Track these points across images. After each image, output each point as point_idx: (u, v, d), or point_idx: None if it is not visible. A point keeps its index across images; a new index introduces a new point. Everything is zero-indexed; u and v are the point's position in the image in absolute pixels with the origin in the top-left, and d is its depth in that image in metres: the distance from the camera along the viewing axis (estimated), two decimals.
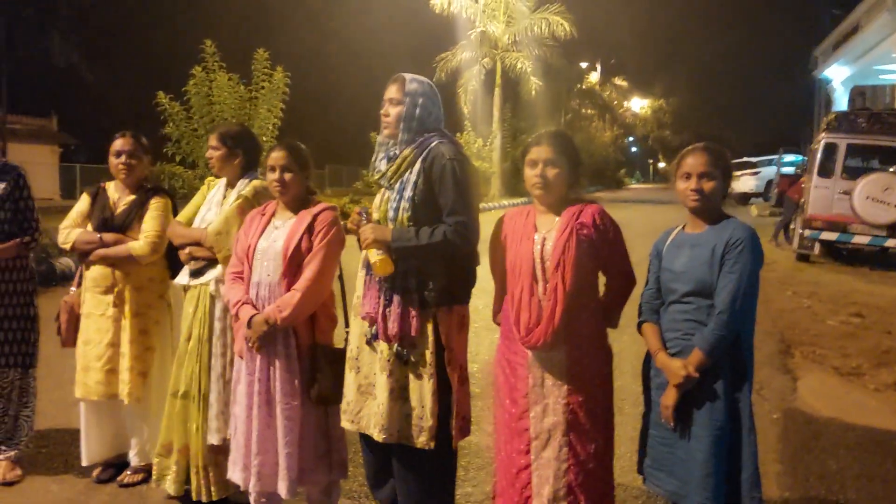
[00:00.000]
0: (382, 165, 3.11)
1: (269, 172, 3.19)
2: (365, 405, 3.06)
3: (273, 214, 3.27)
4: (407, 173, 3.00)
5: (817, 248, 12.85)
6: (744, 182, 29.18)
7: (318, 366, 3.18)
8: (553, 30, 28.92)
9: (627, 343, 3.22)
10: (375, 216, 3.08)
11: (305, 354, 3.19)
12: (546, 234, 2.81)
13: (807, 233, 12.74)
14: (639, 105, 66.99)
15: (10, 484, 3.82)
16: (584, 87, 54.23)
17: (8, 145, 26.05)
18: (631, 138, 73.53)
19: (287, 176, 3.18)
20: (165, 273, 3.86)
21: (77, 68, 29.77)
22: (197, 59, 14.12)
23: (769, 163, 29.49)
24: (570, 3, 29.42)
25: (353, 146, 25.15)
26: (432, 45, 29.95)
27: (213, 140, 3.64)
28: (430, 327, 2.97)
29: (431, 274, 2.96)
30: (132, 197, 3.86)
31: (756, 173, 29.81)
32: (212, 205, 3.65)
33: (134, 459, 3.86)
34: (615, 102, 60.54)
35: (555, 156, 2.80)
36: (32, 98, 30.38)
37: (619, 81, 61.11)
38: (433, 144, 3.02)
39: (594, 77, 57.77)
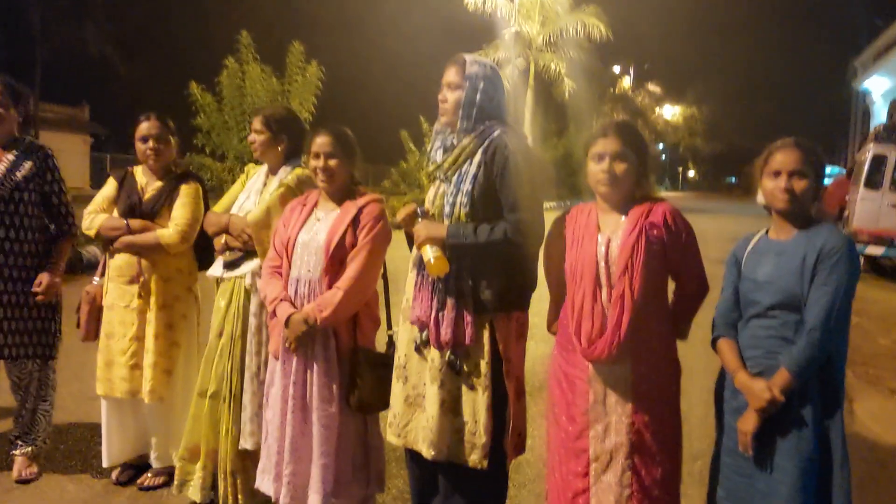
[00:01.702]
0: (439, 156, 2.85)
1: (313, 159, 2.94)
2: (413, 418, 2.80)
3: (315, 205, 3.02)
4: (466, 165, 2.74)
5: (862, 263, 12.39)
6: None
7: (359, 370, 2.94)
8: (588, 31, 28.54)
9: (695, 356, 2.91)
10: (430, 211, 2.81)
11: (345, 358, 2.94)
12: (611, 234, 2.54)
13: None
14: (671, 112, 66.28)
15: (26, 481, 3.62)
16: (616, 91, 53.74)
17: (40, 133, 26.16)
18: (661, 145, 72.84)
19: (332, 163, 2.93)
20: (194, 264, 3.63)
21: (110, 59, 29.88)
22: (231, 50, 14.00)
23: None
24: (605, 5, 29.07)
25: (380, 145, 24.97)
26: (465, 44, 29.63)
27: (256, 123, 3.39)
28: (486, 334, 2.72)
29: (489, 276, 2.70)
30: (161, 183, 3.63)
31: None
32: (251, 193, 3.41)
33: (155, 462, 3.63)
34: (647, 108, 59.93)
35: (623, 148, 2.54)
36: (65, 87, 30.55)
37: (651, 87, 60.53)
38: (495, 134, 2.75)
39: (627, 82, 57.26)
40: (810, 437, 2.35)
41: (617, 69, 53.93)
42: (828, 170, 14.65)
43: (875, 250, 12.08)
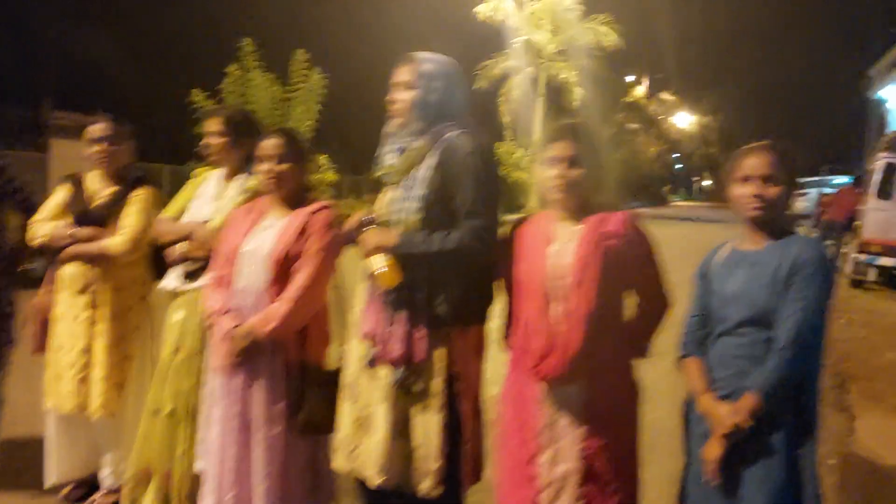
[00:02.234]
0: (391, 160, 2.68)
1: (261, 163, 2.78)
2: (362, 442, 2.62)
3: (263, 213, 2.85)
4: (418, 168, 2.56)
5: (872, 275, 12.11)
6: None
7: (307, 388, 2.76)
8: (600, 41, 28.35)
9: (662, 373, 2.71)
10: (380, 219, 2.64)
11: (293, 374, 2.76)
12: (565, 244, 2.36)
13: (862, 257, 12.00)
14: (685, 121, 65.88)
15: None
16: (629, 100, 53.45)
17: (55, 142, 26.18)
18: (676, 154, 72.38)
19: (282, 168, 2.77)
20: (149, 273, 3.47)
21: (117, 65, 29.99)
22: (235, 57, 13.93)
23: (818, 184, 28.57)
24: (618, 14, 28.88)
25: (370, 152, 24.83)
26: (475, 53, 29.44)
27: (214, 125, 3.22)
28: (440, 351, 2.53)
29: (444, 287, 2.53)
30: (113, 188, 3.47)
31: (804, 194, 28.87)
32: (206, 200, 3.24)
33: (107, 480, 3.46)
34: (661, 117, 59.54)
35: (577, 152, 2.37)
36: (78, 94, 30.67)
37: (665, 96, 60.12)
38: (450, 135, 2.58)
39: (640, 90, 56.92)
40: (781, 465, 2.16)
41: (630, 79, 53.56)
42: (839, 179, 14.45)
43: (887, 262, 11.76)
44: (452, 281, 2.53)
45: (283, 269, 2.71)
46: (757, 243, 2.30)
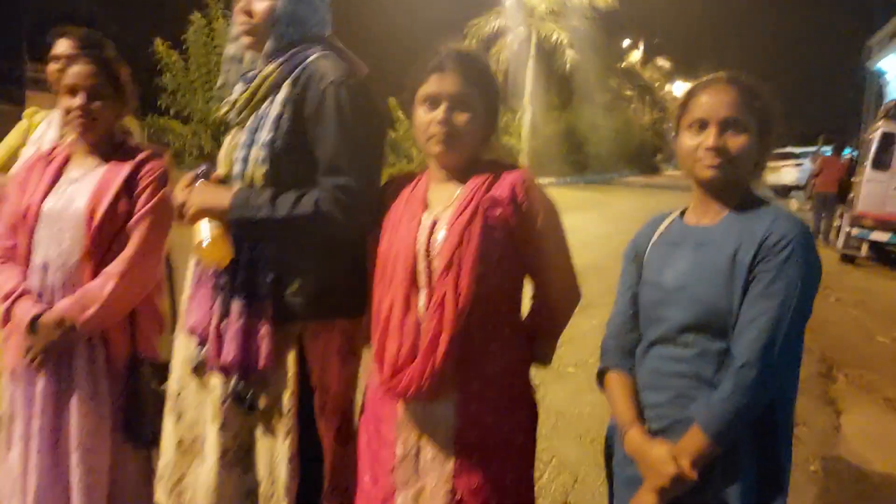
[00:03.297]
0: (235, 93, 2.00)
1: (67, 96, 2.10)
2: (189, 470, 1.98)
3: (67, 161, 2.18)
4: (266, 104, 1.91)
5: (864, 249, 11.49)
6: (786, 173, 27.74)
7: (140, 388, 2.13)
8: (594, 1, 27.52)
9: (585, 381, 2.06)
10: (221, 172, 1.97)
11: (120, 374, 2.13)
12: (440, 213, 1.74)
13: (854, 231, 11.37)
14: (681, 89, 64.87)
15: None
16: (624, 66, 52.40)
17: (31, 94, 25.29)
18: (671, 123, 71.37)
19: (95, 105, 2.09)
20: None
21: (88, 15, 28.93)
22: (198, 4, 13.11)
23: (814, 154, 27.98)
24: None
25: None
26: (464, 11, 28.58)
27: (65, 46, 2.54)
28: (291, 354, 1.90)
29: (296, 267, 1.89)
30: None
31: (799, 165, 28.28)
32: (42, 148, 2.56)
33: None
34: (657, 84, 58.49)
35: (467, 90, 1.74)
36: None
37: (661, 62, 59.03)
38: (311, 59, 1.92)
39: (636, 56, 55.83)
40: None
41: (626, 44, 52.56)
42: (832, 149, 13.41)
43: (880, 236, 11.15)
44: (307, 259, 1.88)
45: (103, 235, 2.07)
46: (711, 216, 1.67)
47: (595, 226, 13.07)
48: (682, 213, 1.77)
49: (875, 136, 11.63)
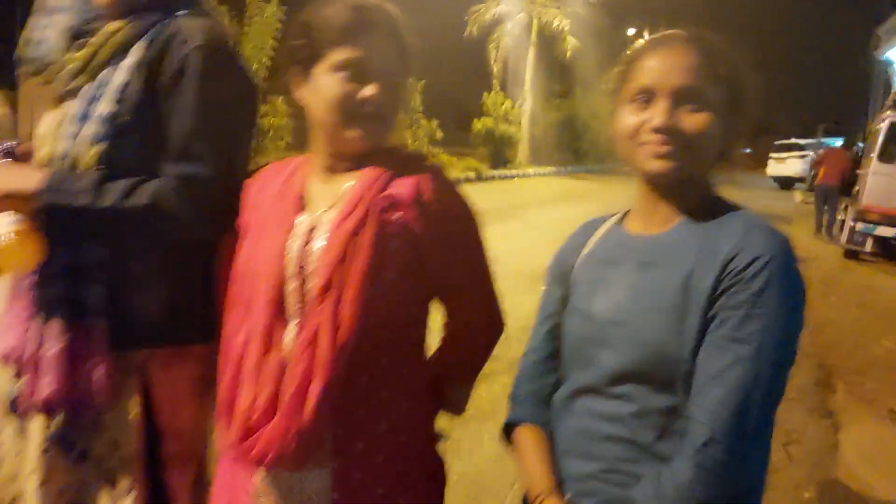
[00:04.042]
0: (73, 51, 1.57)
1: None
2: None
3: None
4: (109, 69, 1.50)
5: (869, 245, 11.01)
6: (790, 164, 27.35)
7: None
8: None
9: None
10: (44, 152, 1.54)
11: None
12: (320, 217, 1.32)
13: (859, 226, 10.89)
14: None
15: None
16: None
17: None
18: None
19: None
20: None
21: None
22: None
23: (818, 145, 27.51)
24: None
25: None
26: None
27: None
28: (132, 389, 1.50)
29: (136, 278, 1.49)
30: None
31: (804, 156, 27.83)
32: None
33: None
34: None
35: (395, 59, 1.37)
36: None
37: None
38: (171, 19, 1.52)
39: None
40: None
41: (632, 32, 52.00)
42: (836, 142, 13.08)
43: (886, 231, 10.68)
44: (151, 266, 1.48)
45: None
46: (658, 222, 1.26)
47: (593, 216, 12.64)
48: (623, 217, 1.35)
49: (882, 127, 11.15)
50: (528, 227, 11.29)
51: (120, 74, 1.47)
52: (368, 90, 1.30)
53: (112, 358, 1.47)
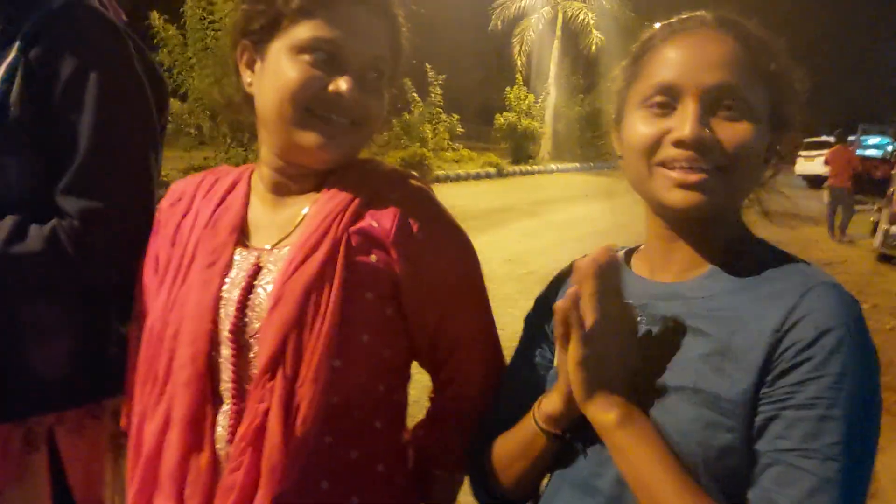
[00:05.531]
0: None
1: None
2: None
3: None
4: None
5: None
6: (819, 163, 26.77)
7: None
8: None
9: None
10: None
11: None
12: (267, 255, 1.05)
13: (894, 229, 10.45)
14: None
15: None
16: None
17: None
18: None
19: None
20: None
21: None
22: None
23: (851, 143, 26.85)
24: None
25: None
26: None
27: None
28: (39, 461, 1.25)
29: (31, 332, 1.24)
30: None
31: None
32: None
33: None
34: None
35: (385, 48, 1.09)
36: None
37: None
38: (60, 2, 1.24)
39: None
40: None
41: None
42: (874, 140, 12.59)
43: None
44: (44, 316, 1.22)
45: None
46: (677, 269, 0.96)
47: (616, 215, 12.33)
48: (629, 255, 1.06)
49: None
50: (549, 224, 10.97)
51: None
52: (342, 83, 1.01)
53: (6, 430, 1.21)
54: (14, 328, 1.21)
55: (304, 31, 1.01)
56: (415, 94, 20.21)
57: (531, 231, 9.79)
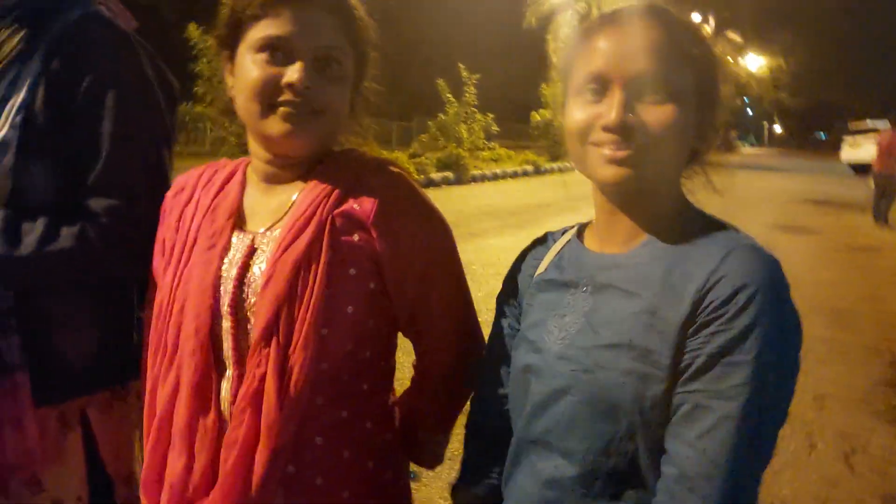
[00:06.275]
0: None
1: None
2: None
3: None
4: (4, 84, 1.33)
5: None
6: (865, 150, 26.16)
7: None
8: None
9: None
10: None
11: None
12: (262, 236, 1.14)
13: None
14: (755, 63, 62.20)
15: None
16: None
17: None
18: (746, 99, 68.81)
19: None
20: None
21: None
22: None
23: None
24: None
25: (416, 95, 23.30)
26: None
27: None
28: (74, 439, 1.37)
29: (60, 321, 1.36)
30: None
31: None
32: None
33: None
34: (728, 58, 56.25)
35: (338, 40, 1.15)
36: None
37: (733, 36, 56.73)
38: (76, 16, 1.36)
39: (706, 31, 53.85)
40: None
41: (696, 17, 50.78)
42: None
43: None
44: (74, 307, 1.36)
45: None
46: (620, 239, 1.04)
47: None
48: (581, 231, 1.14)
49: None
50: (587, 219, 10.94)
51: (20, 92, 1.30)
52: (292, 72, 1.09)
53: (44, 414, 1.33)
54: (49, 321, 1.33)
55: (258, 31, 1.11)
56: (449, 95, 20.31)
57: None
